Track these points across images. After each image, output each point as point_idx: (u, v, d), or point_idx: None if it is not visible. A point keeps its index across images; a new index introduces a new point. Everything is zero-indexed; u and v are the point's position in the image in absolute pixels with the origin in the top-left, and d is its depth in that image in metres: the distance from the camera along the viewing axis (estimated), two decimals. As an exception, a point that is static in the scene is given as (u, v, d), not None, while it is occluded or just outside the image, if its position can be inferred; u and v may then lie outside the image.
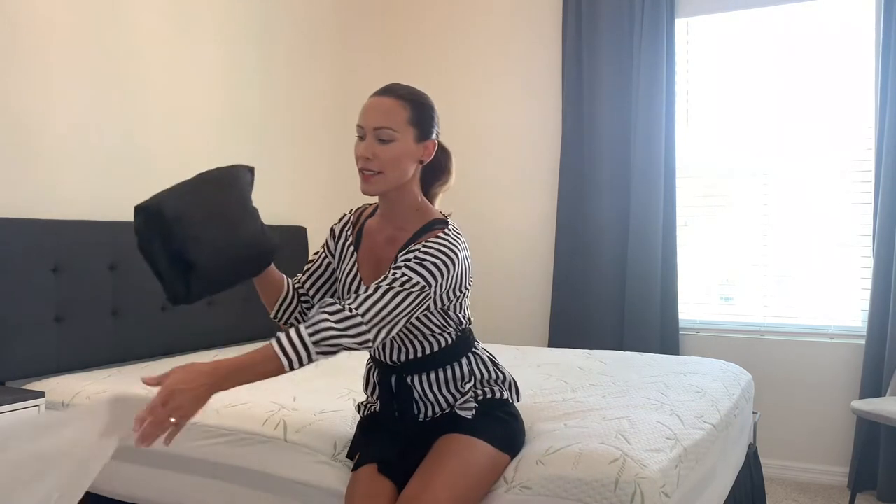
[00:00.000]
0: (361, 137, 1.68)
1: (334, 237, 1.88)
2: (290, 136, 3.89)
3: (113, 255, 2.85)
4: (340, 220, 1.90)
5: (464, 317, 1.77)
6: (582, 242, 3.98)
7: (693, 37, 3.89)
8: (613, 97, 3.90)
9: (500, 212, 4.28)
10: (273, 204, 3.77)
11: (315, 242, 4.03)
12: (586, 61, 3.96)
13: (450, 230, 1.70)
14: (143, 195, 3.10)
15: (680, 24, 3.87)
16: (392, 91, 1.69)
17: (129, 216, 3.02)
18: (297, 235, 3.79)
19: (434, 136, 1.73)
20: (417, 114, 1.68)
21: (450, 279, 1.64)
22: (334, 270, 1.89)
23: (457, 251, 1.66)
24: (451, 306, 1.72)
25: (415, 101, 1.69)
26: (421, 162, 1.72)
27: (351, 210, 1.91)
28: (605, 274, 3.90)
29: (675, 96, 3.80)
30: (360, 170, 1.68)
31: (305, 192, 3.99)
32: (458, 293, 1.70)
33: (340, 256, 1.84)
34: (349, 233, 1.85)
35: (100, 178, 2.93)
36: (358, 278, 1.78)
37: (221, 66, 3.47)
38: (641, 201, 3.79)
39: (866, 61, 3.52)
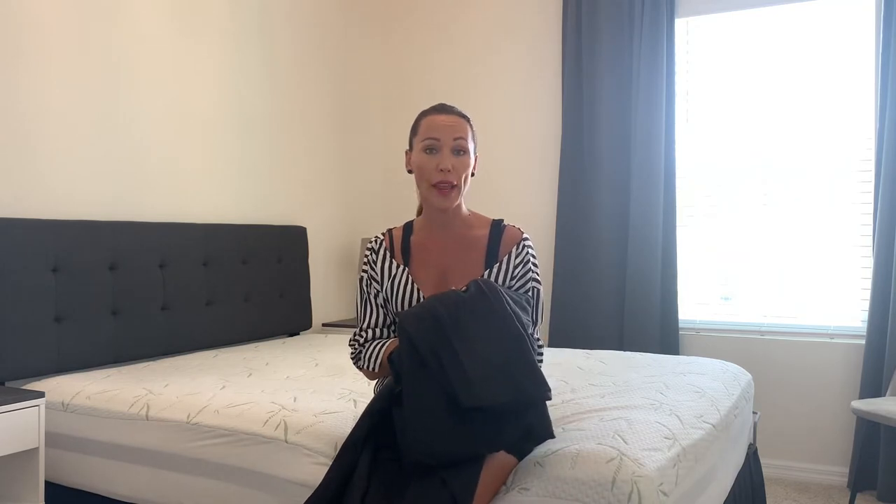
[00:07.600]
0: (433, 151, 1.78)
1: (376, 260, 1.91)
2: (291, 136, 3.89)
3: (113, 255, 2.85)
4: (378, 246, 1.92)
5: None
6: (582, 242, 3.97)
7: (693, 37, 3.89)
8: (613, 97, 3.90)
9: (500, 212, 4.27)
10: (273, 204, 3.77)
11: (315, 242, 4.03)
12: (586, 61, 3.96)
13: (529, 238, 1.92)
14: (143, 195, 3.11)
15: (680, 24, 3.87)
16: (452, 110, 1.84)
17: (128, 216, 3.02)
18: (297, 235, 3.79)
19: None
20: (473, 131, 1.86)
21: None
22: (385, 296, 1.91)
23: None
24: None
25: (470, 120, 1.86)
26: (472, 174, 1.86)
27: (380, 235, 1.95)
28: (605, 274, 3.90)
29: (675, 96, 3.79)
30: (437, 184, 1.77)
31: (305, 192, 3.99)
32: None
33: (389, 276, 1.89)
34: (390, 254, 1.90)
35: (99, 178, 2.93)
36: (416, 290, 1.84)
37: (222, 65, 3.47)
38: (641, 201, 3.79)
39: (866, 61, 3.52)
